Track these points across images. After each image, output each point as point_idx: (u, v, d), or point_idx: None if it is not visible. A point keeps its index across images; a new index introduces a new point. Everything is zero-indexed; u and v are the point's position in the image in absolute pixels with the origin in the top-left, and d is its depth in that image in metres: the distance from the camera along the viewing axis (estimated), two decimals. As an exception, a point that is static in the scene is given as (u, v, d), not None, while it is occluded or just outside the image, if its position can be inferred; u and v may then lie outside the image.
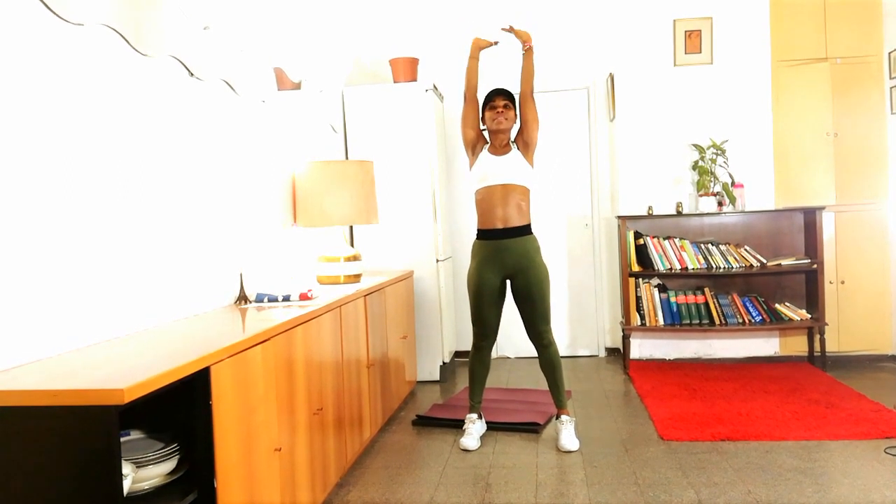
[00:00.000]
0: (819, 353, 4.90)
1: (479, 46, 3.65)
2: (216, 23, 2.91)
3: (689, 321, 5.02)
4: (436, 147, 4.90)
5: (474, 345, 3.66)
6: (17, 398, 1.49)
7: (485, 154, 3.55)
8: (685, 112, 5.20)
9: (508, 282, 3.57)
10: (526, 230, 3.51)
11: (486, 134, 3.62)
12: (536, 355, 3.63)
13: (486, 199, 3.50)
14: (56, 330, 1.94)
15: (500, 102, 3.51)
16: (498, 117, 3.49)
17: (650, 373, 4.85)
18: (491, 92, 3.57)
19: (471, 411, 3.66)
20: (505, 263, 3.49)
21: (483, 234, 3.54)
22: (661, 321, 5.03)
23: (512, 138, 3.60)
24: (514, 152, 3.53)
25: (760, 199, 5.12)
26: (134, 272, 2.32)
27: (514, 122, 3.56)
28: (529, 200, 3.55)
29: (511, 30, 3.58)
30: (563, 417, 3.51)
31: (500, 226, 3.48)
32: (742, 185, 5.03)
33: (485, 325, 3.59)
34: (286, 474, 2.35)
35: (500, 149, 3.55)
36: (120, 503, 1.48)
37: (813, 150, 5.04)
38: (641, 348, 5.32)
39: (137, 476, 1.74)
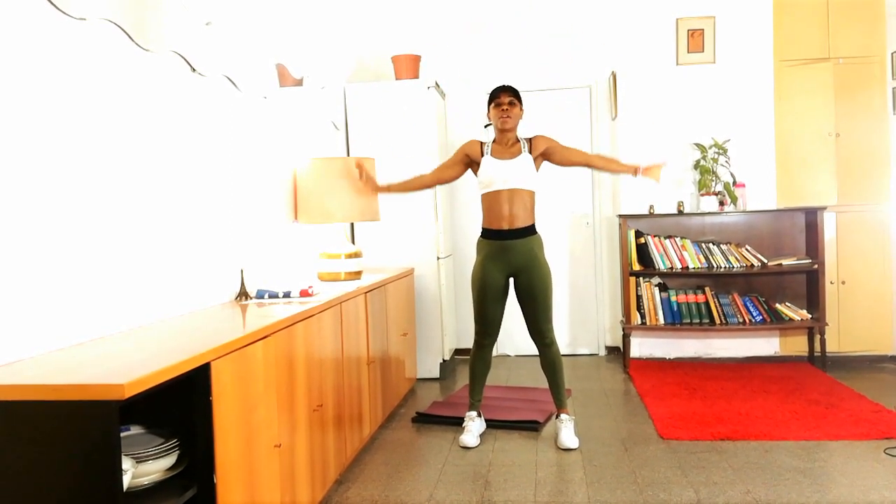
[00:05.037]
0: (819, 354, 4.90)
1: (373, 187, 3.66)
2: (218, 18, 2.91)
3: (689, 320, 5.02)
4: (437, 144, 4.89)
5: (476, 342, 3.65)
6: (18, 392, 1.50)
7: (489, 159, 3.50)
8: (687, 111, 5.19)
9: (512, 280, 3.57)
10: (531, 230, 3.50)
11: (484, 147, 3.56)
12: (537, 353, 3.63)
13: (492, 203, 3.49)
14: (57, 325, 1.94)
15: (506, 99, 3.47)
16: (503, 115, 3.47)
17: (650, 372, 4.85)
18: (496, 89, 3.51)
19: (470, 409, 3.66)
20: (509, 261, 3.49)
21: (488, 234, 3.54)
22: (661, 320, 5.03)
23: (528, 144, 3.52)
24: (523, 156, 3.47)
25: (762, 199, 5.11)
26: (135, 268, 2.32)
27: (520, 119, 3.53)
28: (535, 201, 3.54)
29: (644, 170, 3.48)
30: (563, 416, 3.51)
31: (505, 227, 3.47)
32: (743, 185, 5.03)
33: (487, 323, 3.58)
34: (286, 471, 2.35)
35: (506, 149, 3.51)
36: (120, 498, 1.48)
37: (815, 151, 5.03)
38: (641, 347, 5.32)
39: (137, 471, 1.74)
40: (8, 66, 1.80)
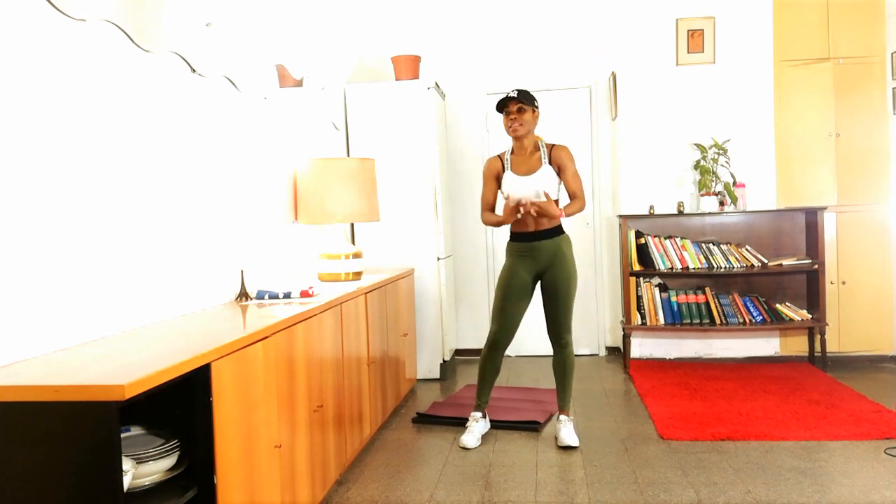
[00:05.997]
0: (819, 354, 4.90)
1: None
2: (219, 19, 2.91)
3: (689, 321, 5.02)
4: (437, 145, 4.89)
5: (489, 343, 3.60)
6: (19, 393, 1.49)
7: (510, 176, 3.50)
8: (687, 111, 5.19)
9: (539, 282, 3.56)
10: (558, 230, 3.51)
11: (504, 160, 3.56)
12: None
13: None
14: (57, 326, 1.94)
15: (514, 107, 3.43)
16: (513, 124, 3.45)
17: (650, 372, 4.85)
18: (501, 100, 3.47)
19: (476, 410, 3.64)
20: (537, 259, 3.49)
21: (516, 237, 3.55)
22: (661, 320, 5.03)
23: (548, 153, 3.49)
24: (543, 169, 3.46)
25: (762, 199, 5.11)
26: (135, 268, 2.32)
27: (533, 125, 3.48)
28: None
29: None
30: (563, 418, 3.51)
31: (531, 230, 3.50)
32: (744, 185, 5.03)
33: (506, 321, 3.53)
34: (286, 471, 2.35)
35: (525, 160, 3.50)
36: (120, 499, 1.48)
37: (815, 151, 5.04)
38: (642, 347, 5.32)
39: (138, 472, 1.74)
40: (8, 67, 1.80)
